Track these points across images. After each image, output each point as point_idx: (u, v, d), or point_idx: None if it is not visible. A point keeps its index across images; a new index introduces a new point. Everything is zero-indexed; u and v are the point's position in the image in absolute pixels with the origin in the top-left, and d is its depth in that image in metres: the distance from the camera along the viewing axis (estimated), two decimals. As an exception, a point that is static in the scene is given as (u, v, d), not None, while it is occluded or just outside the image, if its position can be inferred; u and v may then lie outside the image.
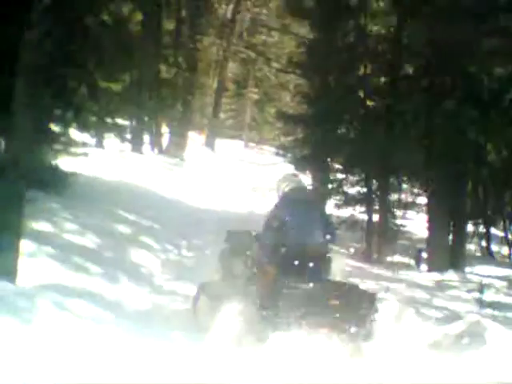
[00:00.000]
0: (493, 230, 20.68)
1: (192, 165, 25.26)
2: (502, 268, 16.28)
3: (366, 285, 9.55)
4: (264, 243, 6.84)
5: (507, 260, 19.07)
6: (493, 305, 11.09)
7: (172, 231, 12.13)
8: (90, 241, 9.43)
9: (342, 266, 7.72)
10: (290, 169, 15.75)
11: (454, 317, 8.36)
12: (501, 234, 20.81)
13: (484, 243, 19.61)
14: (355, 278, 10.01)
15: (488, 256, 18.88)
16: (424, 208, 17.24)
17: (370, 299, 6.64)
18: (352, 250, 15.59)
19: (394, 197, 17.17)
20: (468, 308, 10.24)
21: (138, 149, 22.36)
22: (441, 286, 12.10)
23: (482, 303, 11.10)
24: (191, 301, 7.41)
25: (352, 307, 6.41)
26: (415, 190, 18.42)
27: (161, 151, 25.49)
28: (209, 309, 6.95)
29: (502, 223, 20.67)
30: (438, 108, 14.05)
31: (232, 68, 39.08)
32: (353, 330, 6.31)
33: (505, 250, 20.26)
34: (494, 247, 20.15)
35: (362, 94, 15.39)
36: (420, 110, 14.80)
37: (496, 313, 10.40)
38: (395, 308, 8.21)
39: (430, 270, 14.68)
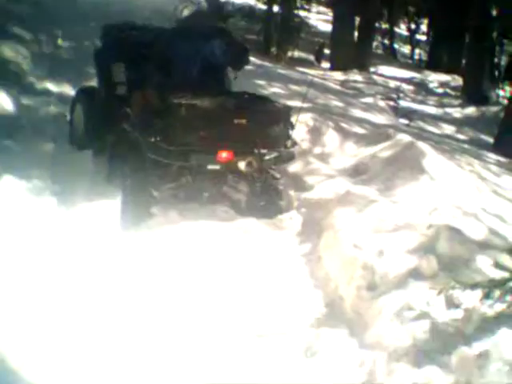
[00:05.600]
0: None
1: None
2: (405, 70, 15.21)
3: (272, 89, 8.50)
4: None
5: (409, 61, 17.78)
6: (408, 114, 10.18)
7: (50, 18, 9.98)
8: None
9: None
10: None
11: (379, 133, 6.89)
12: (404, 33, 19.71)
13: (387, 41, 18.03)
14: (258, 78, 8.89)
15: (390, 55, 17.39)
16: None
17: (284, 114, 5.17)
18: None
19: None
20: (386, 118, 9.01)
21: None
22: (354, 94, 10.65)
23: (398, 112, 10.05)
24: (70, 107, 6.28)
25: (265, 126, 5.01)
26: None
27: None
28: (84, 126, 5.83)
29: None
30: None
31: None
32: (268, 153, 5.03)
33: (406, 49, 19.07)
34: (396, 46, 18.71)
35: None
36: None
37: (413, 124, 9.77)
38: (313, 123, 6.93)
39: (332, 68, 13.31)
